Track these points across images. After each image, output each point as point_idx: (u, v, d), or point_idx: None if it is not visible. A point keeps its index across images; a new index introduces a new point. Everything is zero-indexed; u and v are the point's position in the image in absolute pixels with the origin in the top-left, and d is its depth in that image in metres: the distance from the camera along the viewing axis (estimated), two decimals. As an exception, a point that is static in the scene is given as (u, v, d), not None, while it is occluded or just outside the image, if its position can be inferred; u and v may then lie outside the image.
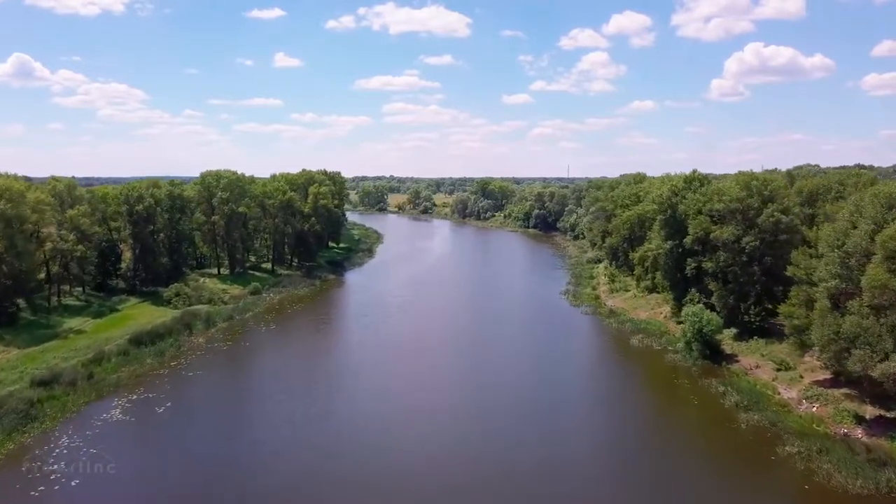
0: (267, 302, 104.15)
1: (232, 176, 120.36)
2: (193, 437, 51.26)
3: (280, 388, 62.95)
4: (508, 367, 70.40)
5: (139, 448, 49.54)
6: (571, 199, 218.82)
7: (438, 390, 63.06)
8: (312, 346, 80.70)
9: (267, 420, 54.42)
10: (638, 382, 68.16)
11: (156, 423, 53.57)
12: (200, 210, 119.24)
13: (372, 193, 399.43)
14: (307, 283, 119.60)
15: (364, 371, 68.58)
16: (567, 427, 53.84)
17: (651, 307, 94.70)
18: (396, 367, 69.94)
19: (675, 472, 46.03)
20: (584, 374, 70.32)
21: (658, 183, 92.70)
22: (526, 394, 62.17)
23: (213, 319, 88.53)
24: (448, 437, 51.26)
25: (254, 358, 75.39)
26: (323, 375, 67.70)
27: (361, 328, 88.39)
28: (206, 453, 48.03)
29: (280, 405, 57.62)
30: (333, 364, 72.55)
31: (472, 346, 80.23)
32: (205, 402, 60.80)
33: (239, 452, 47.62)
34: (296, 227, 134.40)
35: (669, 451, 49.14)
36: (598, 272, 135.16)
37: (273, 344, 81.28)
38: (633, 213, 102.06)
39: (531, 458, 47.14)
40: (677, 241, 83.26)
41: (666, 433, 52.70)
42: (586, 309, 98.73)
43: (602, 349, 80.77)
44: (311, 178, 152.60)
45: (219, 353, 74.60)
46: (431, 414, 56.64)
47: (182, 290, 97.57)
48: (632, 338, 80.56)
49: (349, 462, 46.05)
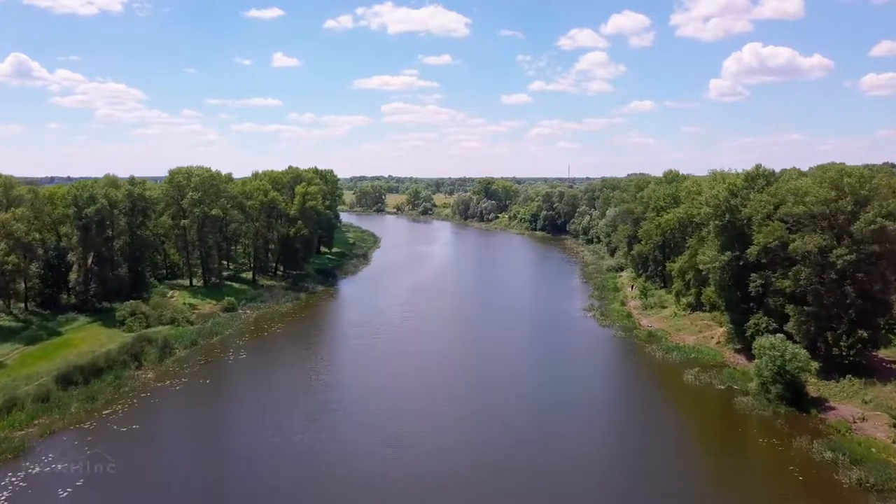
0: (241, 321, 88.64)
1: (205, 173, 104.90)
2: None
3: (243, 446, 47.49)
4: (530, 422, 54.50)
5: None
6: (583, 199, 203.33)
7: (437, 454, 47.51)
8: (289, 381, 65.08)
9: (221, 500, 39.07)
10: (710, 443, 51.80)
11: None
12: (169, 213, 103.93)
13: (369, 194, 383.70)
14: (291, 297, 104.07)
15: (350, 418, 53.09)
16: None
17: (698, 329, 79.33)
18: (390, 420, 54.40)
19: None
20: (634, 430, 53.64)
21: (709, 181, 77.23)
22: (555, 465, 46.69)
23: (172, 346, 73.06)
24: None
25: (212, 402, 59.67)
26: (300, 421, 52.07)
27: (350, 357, 73.03)
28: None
29: (242, 470, 42.23)
30: (314, 405, 56.92)
31: (483, 384, 64.70)
32: (138, 472, 45.13)
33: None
34: (280, 232, 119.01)
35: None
36: (621, 282, 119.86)
37: (240, 381, 65.79)
38: (673, 217, 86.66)
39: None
40: (737, 251, 68.05)
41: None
42: (619, 331, 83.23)
43: (650, 389, 64.85)
44: (298, 176, 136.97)
45: (167, 397, 59.01)
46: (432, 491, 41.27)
47: (138, 308, 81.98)
48: (684, 372, 65.12)
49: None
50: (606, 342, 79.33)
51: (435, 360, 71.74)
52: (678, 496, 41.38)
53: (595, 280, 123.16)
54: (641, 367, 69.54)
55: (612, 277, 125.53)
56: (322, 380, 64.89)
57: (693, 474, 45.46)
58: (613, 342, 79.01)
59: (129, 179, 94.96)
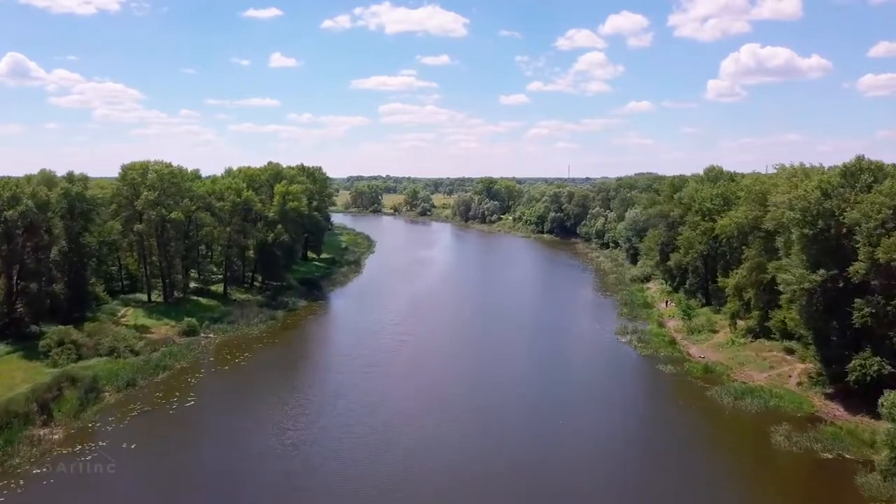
0: (200, 350, 72.41)
1: (164, 169, 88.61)
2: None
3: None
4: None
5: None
6: (596, 200, 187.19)
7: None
8: (245, 446, 48.80)
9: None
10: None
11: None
12: (121, 216, 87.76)
13: (365, 193, 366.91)
14: (266, 315, 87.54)
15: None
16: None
17: (768, 365, 63.27)
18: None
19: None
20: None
21: (787, 179, 61.13)
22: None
23: (100, 388, 56.94)
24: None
25: (132, 485, 43.47)
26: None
27: (329, 404, 56.80)
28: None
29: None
30: (274, 483, 40.81)
31: (504, 453, 48.71)
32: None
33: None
34: (257, 238, 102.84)
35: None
36: (651, 295, 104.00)
37: (178, 445, 49.40)
38: (730, 223, 70.53)
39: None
40: (833, 269, 52.10)
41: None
42: (666, 363, 67.08)
43: (735, 460, 47.64)
44: (279, 173, 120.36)
45: (63, 482, 42.45)
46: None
47: (68, 335, 65.61)
48: (770, 429, 48.84)
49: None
50: (654, 380, 63.30)
51: (439, 414, 55.38)
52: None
53: (620, 293, 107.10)
54: (710, 419, 53.20)
55: (638, 290, 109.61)
56: (289, 442, 48.70)
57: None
58: (663, 380, 62.92)
59: (68, 176, 78.54)
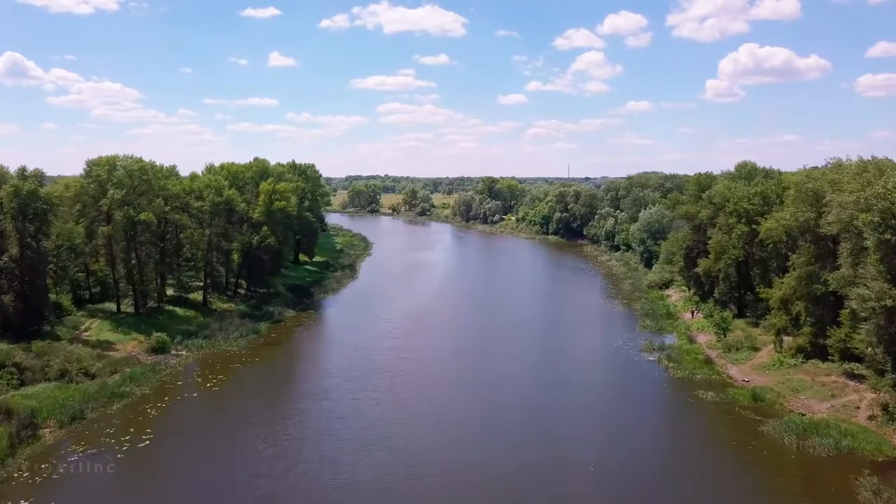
0: (168, 371, 63.02)
1: (133, 165, 79.22)
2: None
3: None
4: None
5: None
6: (605, 200, 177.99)
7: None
8: (207, 499, 39.63)
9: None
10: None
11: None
12: (85, 218, 78.51)
13: (363, 193, 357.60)
14: (248, 328, 78.13)
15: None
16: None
17: (828, 392, 53.98)
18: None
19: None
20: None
21: (853, 175, 51.81)
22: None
23: (39, 423, 47.69)
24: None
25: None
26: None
27: (313, 443, 47.57)
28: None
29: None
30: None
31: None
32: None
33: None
34: (241, 241, 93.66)
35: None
36: (674, 304, 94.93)
37: (122, 500, 40.28)
38: (777, 226, 61.25)
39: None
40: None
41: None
42: (705, 388, 57.75)
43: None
44: (265, 171, 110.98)
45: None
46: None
47: (10, 356, 56.39)
48: (852, 480, 39.78)
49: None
50: (696, 411, 53.90)
51: (444, 453, 46.29)
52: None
53: (638, 301, 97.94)
54: (775, 466, 43.49)
55: (658, 297, 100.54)
56: (260, 493, 39.43)
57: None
58: (706, 412, 53.60)
59: (20, 172, 69.15)
